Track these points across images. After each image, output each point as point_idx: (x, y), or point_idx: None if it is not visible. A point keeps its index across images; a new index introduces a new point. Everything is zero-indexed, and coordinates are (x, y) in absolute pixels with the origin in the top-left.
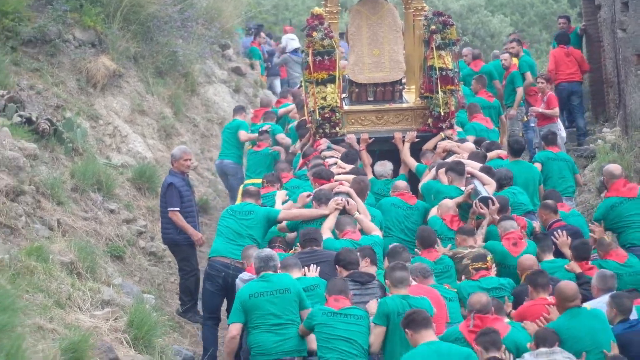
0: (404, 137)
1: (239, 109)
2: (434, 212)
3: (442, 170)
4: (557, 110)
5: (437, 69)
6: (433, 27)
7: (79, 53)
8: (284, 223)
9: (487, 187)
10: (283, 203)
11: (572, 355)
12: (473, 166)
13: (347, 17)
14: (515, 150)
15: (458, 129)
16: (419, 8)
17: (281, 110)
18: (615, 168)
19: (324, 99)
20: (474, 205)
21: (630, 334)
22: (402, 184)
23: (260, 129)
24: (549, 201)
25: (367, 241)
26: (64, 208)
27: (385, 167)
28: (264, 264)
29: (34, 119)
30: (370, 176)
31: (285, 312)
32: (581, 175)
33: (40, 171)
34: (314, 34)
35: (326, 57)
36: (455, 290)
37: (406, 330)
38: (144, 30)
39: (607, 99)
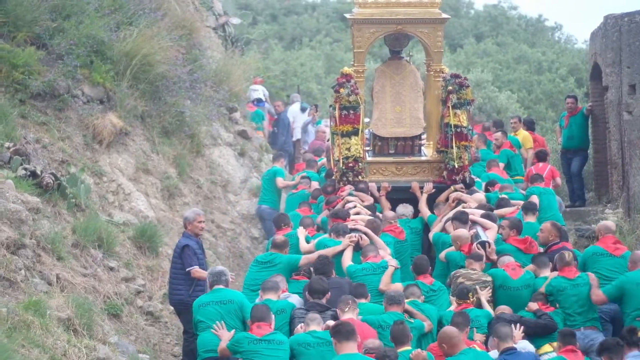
0: (421, 187)
1: (278, 156)
2: (442, 256)
3: (449, 223)
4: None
5: (452, 126)
6: (450, 87)
7: (86, 109)
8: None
9: (489, 232)
10: (307, 239)
11: None
12: (477, 214)
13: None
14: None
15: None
16: (438, 70)
17: (320, 163)
18: (611, 224)
19: (348, 149)
20: (474, 247)
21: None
22: (390, 213)
23: (301, 175)
24: (555, 223)
25: (384, 263)
26: (64, 263)
27: (407, 208)
28: (216, 278)
29: (38, 172)
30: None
31: (226, 319)
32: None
33: (42, 225)
34: (341, 90)
35: (351, 112)
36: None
37: (332, 338)
38: (152, 90)
39: (611, 181)
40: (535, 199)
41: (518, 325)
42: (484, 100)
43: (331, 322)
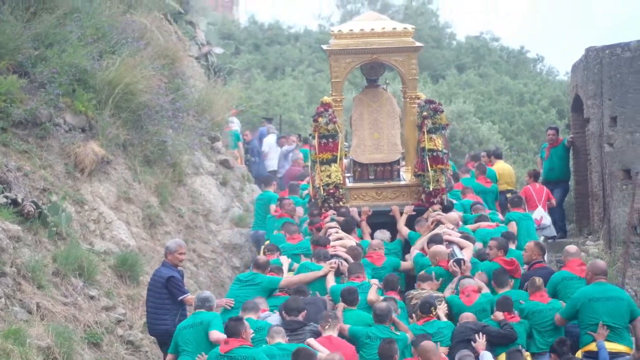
0: (401, 210)
1: (269, 180)
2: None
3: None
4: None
5: (428, 150)
6: (425, 113)
7: (68, 137)
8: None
9: (464, 251)
10: (289, 266)
11: None
12: (454, 235)
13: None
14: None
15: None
16: (414, 97)
17: (305, 192)
18: (571, 247)
19: (329, 176)
20: (450, 264)
21: None
22: (375, 241)
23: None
24: (542, 243)
25: (366, 283)
26: (44, 292)
27: (384, 234)
28: (200, 303)
29: (19, 200)
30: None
31: (200, 341)
32: None
33: (22, 253)
34: (320, 119)
35: (330, 140)
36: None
37: None
38: (134, 119)
39: (592, 212)
40: (513, 225)
41: (481, 334)
42: (465, 131)
43: (311, 340)
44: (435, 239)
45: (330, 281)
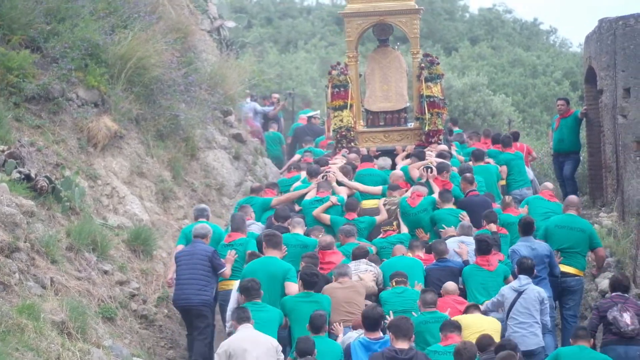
0: (404, 148)
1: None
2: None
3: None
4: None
5: (425, 96)
6: (422, 64)
7: (81, 112)
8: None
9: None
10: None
11: (375, 265)
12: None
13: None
14: (477, 156)
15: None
16: (415, 52)
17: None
18: (549, 184)
19: (341, 120)
20: (421, 170)
21: (434, 269)
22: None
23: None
24: (468, 175)
25: (327, 198)
26: (58, 267)
27: (386, 161)
28: (199, 213)
29: (32, 175)
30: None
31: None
32: None
33: (36, 228)
34: (333, 71)
35: (342, 89)
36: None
37: (264, 242)
38: (147, 93)
39: (605, 184)
40: (504, 169)
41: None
42: (478, 103)
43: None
44: (418, 155)
45: (309, 196)
